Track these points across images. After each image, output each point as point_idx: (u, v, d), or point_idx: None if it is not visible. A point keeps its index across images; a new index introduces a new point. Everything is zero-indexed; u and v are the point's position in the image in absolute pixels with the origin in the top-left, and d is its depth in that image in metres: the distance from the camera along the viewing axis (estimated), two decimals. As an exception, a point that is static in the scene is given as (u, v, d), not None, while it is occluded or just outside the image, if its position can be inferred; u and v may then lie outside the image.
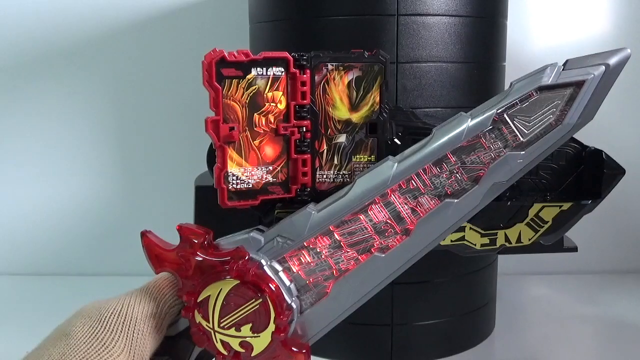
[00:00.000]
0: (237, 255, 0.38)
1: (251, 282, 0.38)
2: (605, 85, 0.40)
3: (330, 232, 0.40)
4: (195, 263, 0.38)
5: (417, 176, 0.40)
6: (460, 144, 0.40)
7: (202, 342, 0.38)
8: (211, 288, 0.38)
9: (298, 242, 0.40)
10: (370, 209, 0.40)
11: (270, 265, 0.40)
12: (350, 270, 0.40)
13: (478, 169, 0.40)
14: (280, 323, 0.38)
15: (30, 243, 0.93)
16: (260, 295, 0.37)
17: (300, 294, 0.40)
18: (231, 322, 0.38)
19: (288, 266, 0.40)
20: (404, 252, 0.40)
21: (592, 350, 0.68)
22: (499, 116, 0.40)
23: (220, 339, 0.38)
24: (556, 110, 0.40)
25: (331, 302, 0.40)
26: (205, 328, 0.38)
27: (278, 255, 0.40)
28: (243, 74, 0.43)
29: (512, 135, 0.40)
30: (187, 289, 0.38)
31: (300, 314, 0.40)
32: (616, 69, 0.40)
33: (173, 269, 0.39)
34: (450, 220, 0.41)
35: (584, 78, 0.40)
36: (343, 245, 0.40)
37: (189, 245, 0.38)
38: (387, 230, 0.40)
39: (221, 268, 0.38)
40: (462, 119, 0.41)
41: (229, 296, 0.38)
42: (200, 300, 0.38)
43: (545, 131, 0.40)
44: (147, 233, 0.40)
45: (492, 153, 0.40)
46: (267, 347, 0.38)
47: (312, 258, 0.40)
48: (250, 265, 0.38)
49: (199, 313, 0.38)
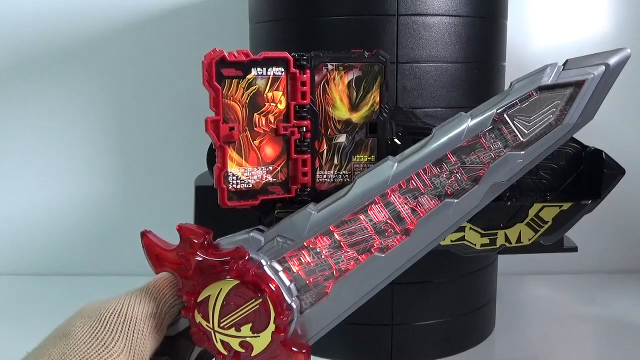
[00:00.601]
0: (237, 255, 0.38)
1: (251, 282, 0.38)
2: (605, 85, 0.40)
3: (330, 232, 0.40)
4: (195, 263, 0.38)
5: (417, 176, 0.40)
6: (460, 144, 0.40)
7: (202, 342, 0.38)
8: (211, 288, 0.38)
9: (298, 242, 0.40)
10: (370, 209, 0.40)
11: (270, 265, 0.40)
12: (350, 270, 0.40)
13: (478, 168, 0.40)
14: (280, 323, 0.38)
15: (30, 243, 0.93)
16: (260, 295, 0.37)
17: (300, 294, 0.40)
18: (231, 322, 0.38)
19: (288, 266, 0.40)
20: (404, 252, 0.40)
21: (592, 350, 0.68)
22: (498, 116, 0.40)
23: (220, 338, 0.38)
24: (556, 110, 0.40)
25: (331, 302, 0.40)
26: (205, 328, 0.38)
27: (278, 255, 0.40)
28: (243, 74, 0.43)
29: (512, 135, 0.40)
30: (187, 289, 0.38)
31: (300, 314, 0.40)
32: (616, 68, 0.40)
33: (173, 269, 0.39)
34: (450, 220, 0.41)
35: (584, 78, 0.40)
36: (343, 245, 0.40)
37: (189, 245, 0.38)
38: (387, 230, 0.40)
39: (221, 268, 0.38)
40: (462, 119, 0.41)
41: (229, 296, 0.37)
42: (200, 300, 0.38)
43: (545, 131, 0.40)
44: (147, 233, 0.40)
45: (492, 153, 0.40)
46: (267, 347, 0.38)
47: (312, 258, 0.40)
48: (250, 265, 0.38)
49: (199, 313, 0.38)
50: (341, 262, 0.40)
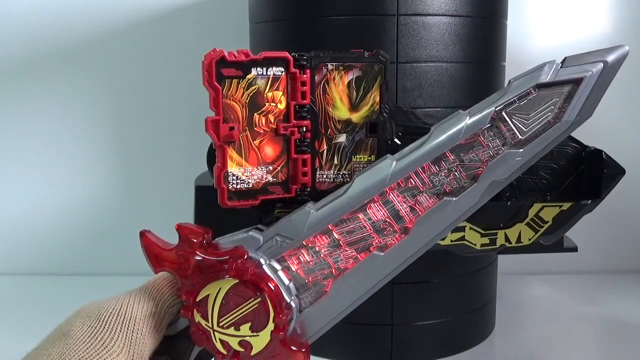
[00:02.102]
0: (235, 254, 0.38)
1: (250, 281, 0.37)
2: (604, 83, 0.40)
3: (329, 230, 0.40)
4: (194, 262, 0.38)
5: (415, 174, 0.40)
6: (459, 142, 0.40)
7: (201, 342, 0.38)
8: (210, 287, 0.38)
9: (297, 241, 0.40)
10: (369, 207, 0.40)
11: (269, 264, 0.39)
12: (349, 269, 0.40)
13: (476, 167, 0.40)
14: (280, 322, 0.38)
15: (30, 243, 0.93)
16: (259, 294, 0.37)
17: (300, 293, 0.40)
18: (230, 321, 0.38)
19: (287, 265, 0.40)
20: (403, 250, 0.40)
21: (592, 350, 0.68)
22: (497, 114, 0.40)
23: (220, 338, 0.38)
24: (554, 107, 0.40)
25: (330, 301, 0.40)
26: (204, 327, 0.38)
27: (277, 254, 0.40)
28: (243, 73, 0.43)
29: (511, 133, 0.40)
30: (186, 288, 0.38)
31: (300, 313, 0.40)
32: (614, 66, 0.40)
33: (172, 269, 0.39)
34: (449, 219, 0.41)
35: (582, 75, 0.40)
36: (342, 244, 0.40)
37: (188, 245, 0.38)
38: (386, 229, 0.40)
39: (220, 267, 0.38)
40: (460, 117, 0.41)
41: (228, 295, 0.37)
42: (199, 299, 0.38)
43: (544, 129, 0.40)
44: (146, 232, 0.40)
45: (490, 151, 0.40)
46: (266, 346, 0.38)
47: (311, 257, 0.40)
48: (249, 264, 0.38)
49: (198, 312, 0.38)
50: (340, 260, 0.40)
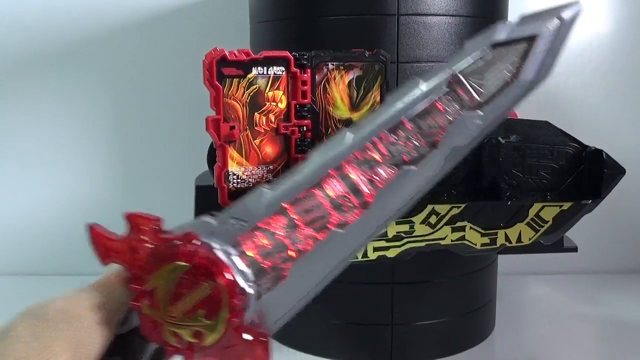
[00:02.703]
0: (186, 238, 0.35)
1: (201, 265, 0.34)
2: (560, 40, 0.38)
3: (285, 210, 0.37)
4: (145, 251, 0.35)
5: (373, 145, 0.38)
6: (415, 109, 0.38)
7: (151, 336, 0.35)
8: (159, 274, 0.35)
9: (251, 224, 0.37)
10: (326, 183, 0.38)
11: (222, 248, 0.36)
12: (308, 250, 0.37)
13: (435, 133, 0.38)
14: (234, 308, 0.34)
15: (30, 243, 0.93)
16: (211, 279, 0.34)
17: (257, 279, 0.36)
18: (182, 310, 0.35)
19: (242, 250, 0.37)
20: (364, 226, 0.37)
21: (592, 350, 0.68)
22: (453, 77, 0.39)
23: (171, 329, 0.35)
24: (512, 67, 0.38)
25: (290, 285, 0.37)
26: (154, 319, 0.35)
27: (231, 239, 0.37)
28: (244, 73, 0.43)
29: (469, 95, 0.39)
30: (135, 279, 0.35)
31: (258, 299, 0.36)
32: (570, 23, 0.38)
33: (121, 260, 0.36)
34: (411, 190, 0.38)
35: (537, 32, 0.38)
36: (299, 223, 0.37)
37: (137, 233, 0.36)
38: (344, 205, 0.38)
39: (169, 253, 0.35)
40: (414, 83, 0.39)
41: (178, 282, 0.35)
42: (148, 288, 0.35)
43: (502, 89, 0.38)
44: (94, 226, 0.37)
45: (448, 116, 0.38)
46: (222, 336, 0.35)
47: (267, 240, 0.37)
48: (200, 249, 0.35)
49: (147, 303, 0.35)
50: (298, 242, 0.37)
